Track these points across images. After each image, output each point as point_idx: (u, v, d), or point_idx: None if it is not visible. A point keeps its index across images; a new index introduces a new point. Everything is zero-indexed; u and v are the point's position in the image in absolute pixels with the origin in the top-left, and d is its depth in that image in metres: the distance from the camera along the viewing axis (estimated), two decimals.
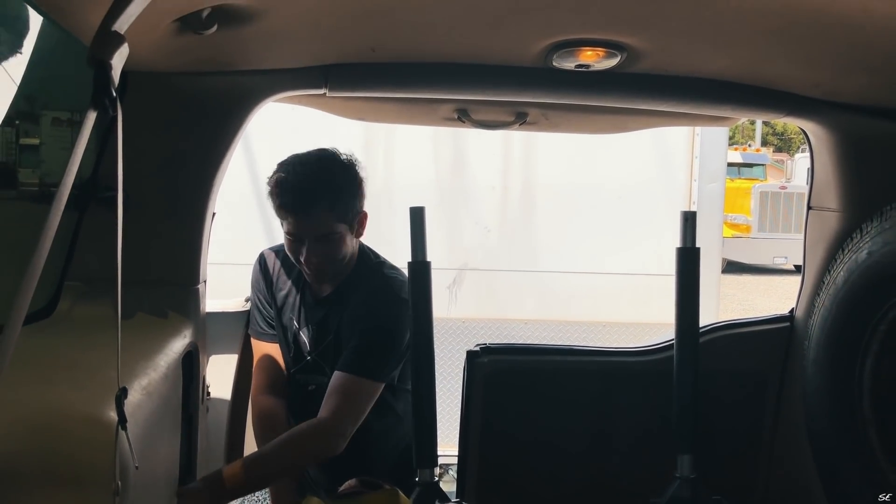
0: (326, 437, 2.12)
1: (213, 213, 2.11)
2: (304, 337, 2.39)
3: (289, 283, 2.40)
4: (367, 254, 2.38)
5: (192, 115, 1.94)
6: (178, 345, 1.89)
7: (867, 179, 2.25)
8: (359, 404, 2.18)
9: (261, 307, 2.44)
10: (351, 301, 2.30)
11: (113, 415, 1.25)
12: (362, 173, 2.29)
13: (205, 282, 2.12)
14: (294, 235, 2.20)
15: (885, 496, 1.79)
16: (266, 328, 2.44)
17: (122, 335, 1.19)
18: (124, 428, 1.19)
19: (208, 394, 2.30)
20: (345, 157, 2.28)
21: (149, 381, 1.57)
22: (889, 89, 1.98)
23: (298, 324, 2.39)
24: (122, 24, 1.09)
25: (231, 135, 1.98)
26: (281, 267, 2.42)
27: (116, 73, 1.08)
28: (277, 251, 2.44)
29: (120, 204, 1.17)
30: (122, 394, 1.19)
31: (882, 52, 1.67)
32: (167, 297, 1.99)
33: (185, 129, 1.95)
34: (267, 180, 2.22)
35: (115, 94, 1.05)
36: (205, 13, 1.51)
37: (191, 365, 2.01)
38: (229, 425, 2.43)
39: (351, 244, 2.28)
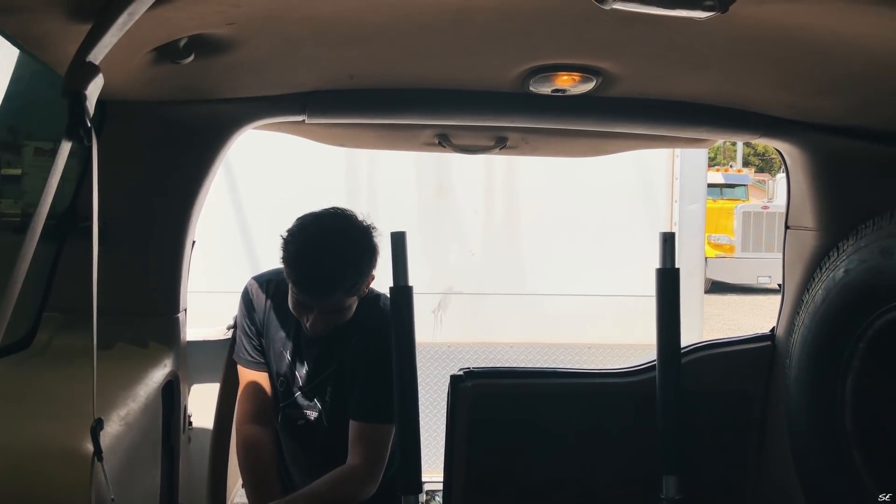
0: (363, 484, 2.22)
1: (194, 242, 2.11)
2: (297, 372, 2.37)
3: (282, 315, 2.35)
4: (373, 294, 2.36)
5: (171, 143, 1.95)
6: (158, 374, 1.87)
7: (842, 198, 2.28)
8: (384, 448, 2.26)
9: (250, 335, 2.41)
10: (351, 338, 2.28)
11: (90, 447, 1.24)
12: (376, 238, 2.23)
13: (185, 310, 2.11)
14: (304, 305, 2.18)
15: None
16: (254, 356, 2.41)
17: (101, 366, 1.18)
18: (100, 460, 1.18)
19: (190, 423, 2.28)
20: (362, 222, 2.23)
21: (127, 412, 1.56)
22: (860, 110, 2.01)
23: (292, 358, 2.36)
24: (97, 55, 1.10)
25: (210, 163, 1.98)
26: (272, 298, 2.38)
27: (91, 104, 1.08)
28: (268, 280, 2.41)
29: (95, 234, 1.17)
30: (98, 425, 1.18)
31: (851, 73, 1.69)
32: (147, 326, 1.97)
33: (163, 158, 1.95)
34: (282, 243, 2.17)
35: (89, 124, 1.05)
36: (182, 43, 1.52)
37: (171, 394, 1.99)
38: (212, 455, 2.40)
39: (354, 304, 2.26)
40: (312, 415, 2.36)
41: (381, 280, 2.28)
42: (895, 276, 1.84)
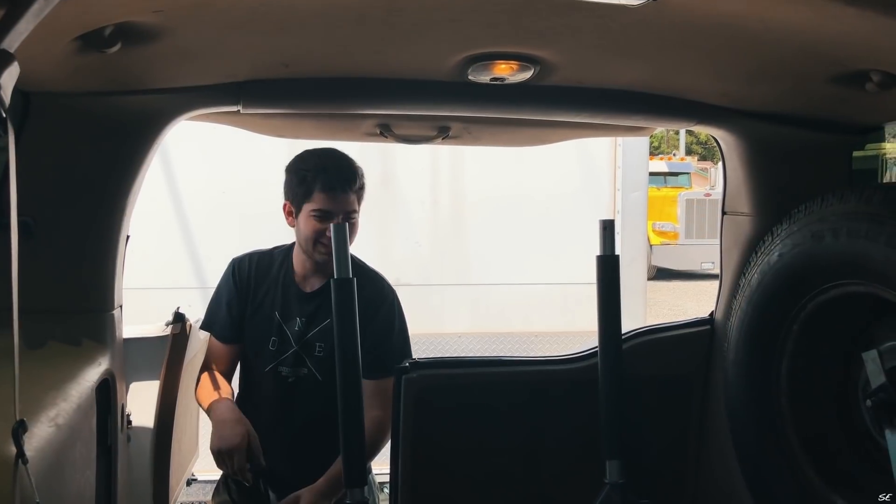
0: (388, 429, 2.40)
1: (128, 236, 2.05)
2: (288, 330, 2.53)
3: (268, 281, 2.58)
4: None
5: (101, 136, 1.88)
6: (92, 373, 1.82)
7: (776, 184, 2.33)
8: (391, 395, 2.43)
9: (231, 310, 2.57)
10: None
11: (13, 449, 1.19)
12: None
13: (120, 307, 2.05)
14: (324, 213, 2.42)
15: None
16: (229, 331, 2.58)
17: (31, 366, 1.14)
18: (24, 463, 1.13)
19: (130, 422, 2.22)
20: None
21: (58, 413, 1.51)
22: (790, 97, 2.05)
23: (283, 317, 2.53)
24: (12, 43, 1.05)
25: (142, 155, 1.93)
26: (256, 270, 2.59)
27: (6, 94, 1.03)
28: (251, 257, 2.63)
29: (14, 230, 1.12)
30: (20, 427, 1.13)
31: (780, 61, 1.73)
32: (80, 324, 1.92)
33: (93, 151, 1.89)
34: (294, 169, 2.48)
35: (4, 115, 1.01)
36: (107, 31, 1.47)
37: (107, 393, 1.94)
38: (153, 454, 2.35)
39: None
40: (303, 370, 2.52)
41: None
42: (826, 260, 1.89)
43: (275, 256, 2.62)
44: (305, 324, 2.53)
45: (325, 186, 2.41)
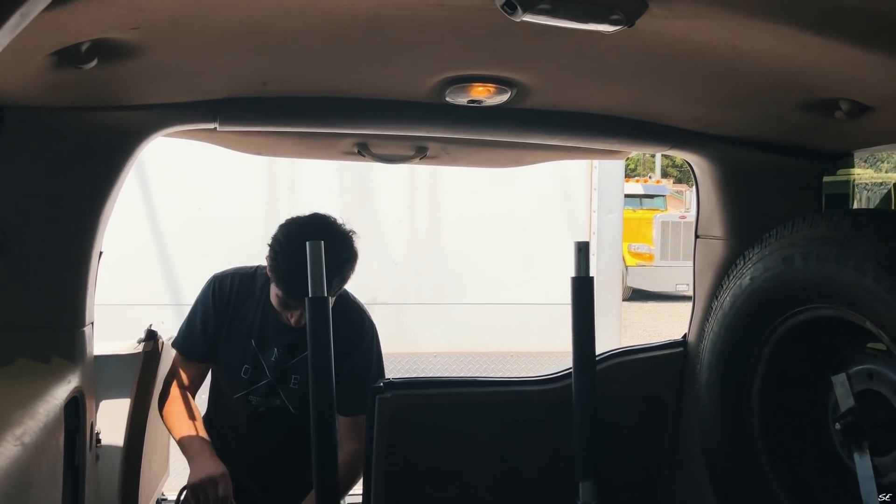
0: (362, 462, 2.37)
1: (101, 253, 2.03)
2: (264, 359, 2.47)
3: (247, 305, 2.50)
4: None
5: (76, 152, 1.87)
6: (61, 391, 1.79)
7: (748, 208, 2.36)
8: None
9: (206, 329, 2.49)
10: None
11: None
12: (356, 244, 2.38)
13: (92, 324, 2.03)
14: (285, 303, 2.34)
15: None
16: (202, 350, 2.51)
17: None
18: None
19: (99, 441, 2.19)
20: (342, 227, 2.37)
21: (24, 431, 1.48)
22: (762, 123, 2.09)
23: (259, 346, 2.47)
24: None
25: (117, 172, 1.92)
26: (238, 291, 2.51)
27: None
28: (234, 277, 2.54)
29: None
30: None
31: (752, 88, 1.76)
32: (50, 340, 1.89)
33: (68, 167, 1.88)
34: (269, 251, 2.31)
35: None
36: (84, 47, 1.46)
37: (76, 411, 1.91)
38: (122, 473, 2.32)
39: None
40: (275, 401, 2.47)
41: None
42: (796, 284, 1.91)
43: (257, 278, 2.53)
44: (282, 355, 2.47)
45: (282, 290, 2.30)
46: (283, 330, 2.45)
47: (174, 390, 2.50)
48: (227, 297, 2.51)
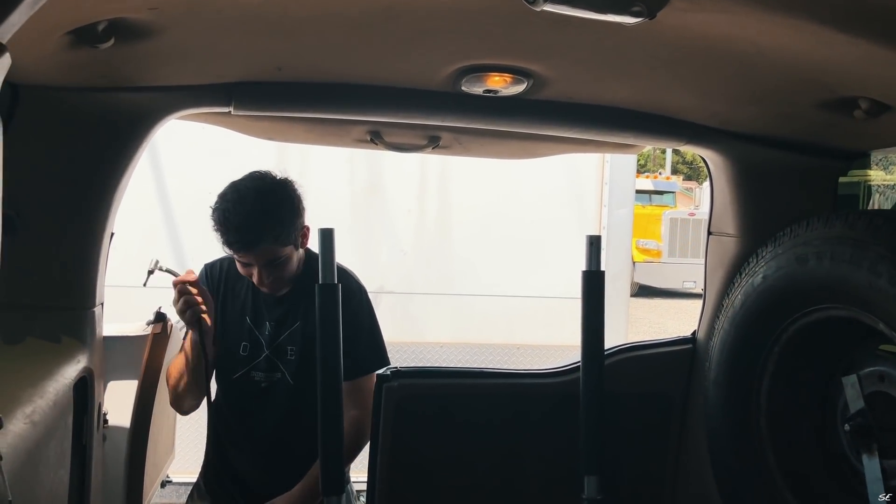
0: (368, 429, 2.36)
1: (112, 234, 2.03)
2: (260, 335, 2.50)
3: (238, 285, 2.53)
4: (311, 250, 2.48)
5: (89, 132, 1.86)
6: (71, 370, 1.80)
7: (763, 206, 2.35)
8: (371, 395, 2.38)
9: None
10: (311, 293, 2.28)
11: None
12: (299, 190, 2.43)
13: (102, 305, 2.03)
14: (243, 263, 2.38)
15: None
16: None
17: (8, 361, 1.12)
18: None
19: (106, 422, 2.20)
20: (279, 178, 2.41)
21: (34, 410, 1.49)
22: (779, 120, 2.07)
23: (253, 322, 2.50)
24: (4, 34, 1.04)
25: (131, 153, 1.91)
26: (227, 274, 2.54)
27: None
28: (222, 262, 2.56)
29: None
30: None
31: (771, 85, 1.75)
32: (60, 320, 1.89)
33: (81, 147, 1.87)
34: (210, 214, 2.33)
35: None
36: (101, 26, 1.45)
37: (84, 391, 1.92)
38: (129, 454, 2.33)
39: (297, 257, 2.45)
40: (276, 375, 2.49)
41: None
42: (809, 284, 1.90)
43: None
44: (275, 327, 2.49)
45: (228, 246, 2.33)
46: (272, 303, 2.49)
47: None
48: (217, 281, 2.54)
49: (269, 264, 2.35)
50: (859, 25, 1.32)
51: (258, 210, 2.29)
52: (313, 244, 2.42)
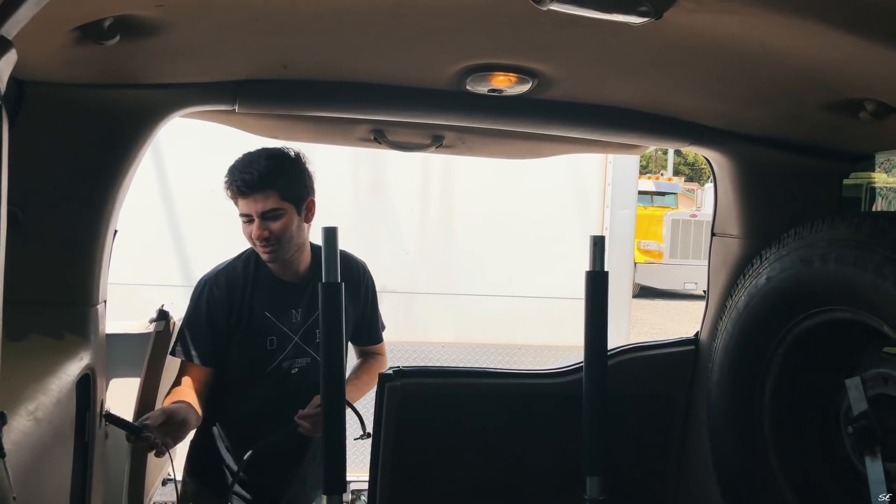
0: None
1: (116, 231, 2.03)
2: (284, 325, 2.52)
3: (246, 289, 2.53)
4: (315, 244, 2.54)
5: (94, 129, 1.86)
6: (73, 367, 1.79)
7: (767, 207, 2.34)
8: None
9: (214, 328, 2.46)
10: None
11: None
12: (309, 167, 2.54)
13: (104, 302, 2.03)
14: (246, 216, 2.43)
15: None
16: (208, 355, 2.45)
17: (11, 358, 1.12)
18: (2, 456, 1.11)
19: None
20: (291, 151, 2.53)
21: (37, 406, 1.49)
22: (785, 122, 2.07)
23: (275, 315, 2.51)
24: (10, 30, 1.04)
25: (135, 150, 1.91)
26: (233, 285, 2.51)
27: (2, 81, 1.02)
28: (219, 273, 2.53)
29: (3, 219, 1.10)
30: (1, 420, 1.11)
31: (777, 86, 1.74)
32: (62, 317, 1.89)
33: (85, 144, 1.87)
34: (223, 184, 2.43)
35: (0, 102, 0.99)
36: (106, 23, 1.45)
37: (87, 389, 1.91)
38: (131, 452, 2.32)
39: (299, 226, 2.48)
40: (307, 359, 2.56)
41: None
42: (814, 285, 1.90)
43: (237, 267, 2.53)
44: (304, 313, 2.53)
45: (231, 189, 2.43)
46: (292, 291, 2.54)
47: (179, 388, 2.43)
48: (226, 296, 2.48)
49: (268, 216, 2.40)
50: (867, 27, 1.32)
51: (265, 158, 2.43)
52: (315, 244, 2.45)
